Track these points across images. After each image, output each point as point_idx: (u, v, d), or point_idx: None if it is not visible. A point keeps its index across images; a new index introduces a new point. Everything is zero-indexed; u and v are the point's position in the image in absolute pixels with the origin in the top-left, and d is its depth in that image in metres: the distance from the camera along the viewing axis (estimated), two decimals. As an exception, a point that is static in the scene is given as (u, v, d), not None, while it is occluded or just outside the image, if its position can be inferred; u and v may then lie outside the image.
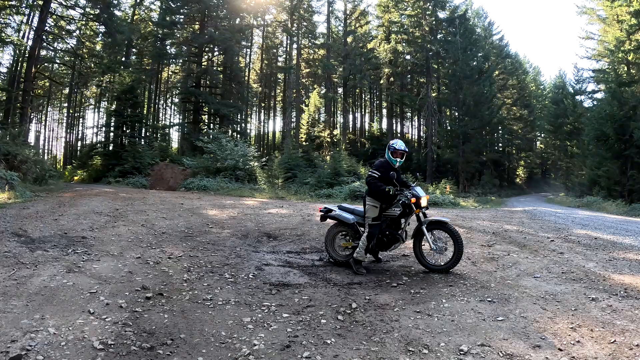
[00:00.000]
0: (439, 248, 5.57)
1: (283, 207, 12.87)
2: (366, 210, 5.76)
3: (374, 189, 5.57)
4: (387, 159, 5.79)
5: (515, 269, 5.75)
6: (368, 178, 5.70)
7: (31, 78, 25.40)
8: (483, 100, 36.30)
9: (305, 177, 23.82)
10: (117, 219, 8.62)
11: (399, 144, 5.76)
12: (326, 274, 5.53)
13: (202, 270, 5.29)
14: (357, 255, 5.62)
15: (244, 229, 8.37)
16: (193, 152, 26.36)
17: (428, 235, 5.55)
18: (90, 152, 31.29)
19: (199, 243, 6.88)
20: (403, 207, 5.67)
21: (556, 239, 8.09)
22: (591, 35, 36.14)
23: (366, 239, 5.60)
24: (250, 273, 5.33)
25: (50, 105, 44.87)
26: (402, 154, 5.77)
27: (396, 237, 5.72)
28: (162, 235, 7.22)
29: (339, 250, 6.17)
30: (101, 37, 31.00)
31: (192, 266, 5.45)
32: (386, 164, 5.77)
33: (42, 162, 19.80)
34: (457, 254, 5.42)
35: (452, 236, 5.46)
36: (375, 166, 5.84)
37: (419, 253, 5.69)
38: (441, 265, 5.55)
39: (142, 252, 5.90)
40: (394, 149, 5.73)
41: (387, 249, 5.90)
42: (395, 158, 5.74)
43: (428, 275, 5.45)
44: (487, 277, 5.35)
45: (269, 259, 6.18)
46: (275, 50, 46.39)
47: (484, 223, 10.41)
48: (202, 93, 31.46)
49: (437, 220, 5.63)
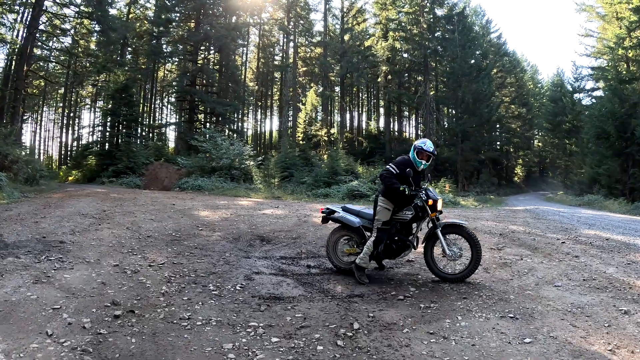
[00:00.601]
0: (454, 254, 4.95)
1: (278, 207, 12.37)
2: (377, 212, 5.11)
3: (387, 185, 4.94)
4: (411, 159, 5.14)
5: (532, 276, 5.23)
6: (383, 172, 5.06)
7: (23, 77, 24.85)
8: (482, 98, 35.90)
9: (302, 177, 23.35)
10: (102, 221, 8.11)
11: (427, 145, 5.10)
12: (323, 284, 4.98)
13: (184, 281, 4.76)
14: (360, 261, 5.06)
15: (235, 231, 7.85)
16: (189, 152, 25.91)
17: (443, 240, 4.95)
18: (84, 152, 30.71)
19: (185, 248, 6.37)
20: (415, 211, 5.06)
21: (567, 241, 7.62)
22: (590, 33, 35.88)
23: (373, 244, 5.02)
24: (237, 284, 4.78)
25: (46, 105, 44.24)
26: (428, 156, 5.13)
27: (406, 244, 5.12)
28: (146, 240, 6.69)
29: (341, 256, 5.58)
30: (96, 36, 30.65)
31: (174, 276, 4.92)
32: (409, 162, 5.11)
33: (34, 162, 19.30)
34: (475, 261, 4.88)
35: (470, 241, 4.90)
36: (395, 162, 5.17)
37: (430, 260, 5.11)
38: (455, 274, 5.00)
39: (121, 259, 5.38)
40: (420, 149, 5.08)
41: (395, 257, 5.27)
42: (421, 159, 5.11)
43: (437, 285, 4.91)
44: (503, 287, 4.82)
45: (260, 265, 5.65)
46: (272, 48, 45.93)
47: (488, 223, 9.94)
48: (197, 92, 31.04)
49: (453, 223, 5.07)
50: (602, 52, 33.66)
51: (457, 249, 4.98)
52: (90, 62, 32.51)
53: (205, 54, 34.15)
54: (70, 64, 33.49)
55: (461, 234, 5.02)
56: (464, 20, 38.42)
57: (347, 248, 5.53)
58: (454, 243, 5.03)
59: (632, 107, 25.21)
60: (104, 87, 34.75)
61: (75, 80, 35.97)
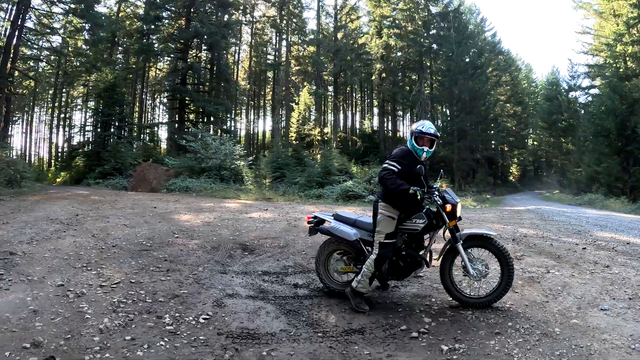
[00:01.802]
0: (479, 274, 3.95)
1: (267, 210, 11.51)
2: (378, 222, 4.04)
3: (390, 187, 3.85)
4: (411, 149, 4.09)
5: (569, 295, 4.34)
6: (382, 172, 3.96)
7: (6, 75, 23.84)
8: (479, 96, 35.38)
9: (294, 177, 22.52)
10: (69, 228, 7.26)
11: (427, 126, 4.04)
12: (313, 313, 3.98)
13: (135, 309, 3.79)
14: (358, 285, 4.03)
15: (216, 239, 6.97)
16: (178, 152, 25.06)
17: (465, 255, 3.95)
18: (71, 152, 29.86)
19: (153, 260, 5.48)
20: (429, 218, 4.03)
21: (587, 246, 6.85)
22: (587, 30, 35.59)
23: (374, 263, 3.99)
24: (203, 313, 3.80)
25: (37, 105, 43.54)
26: (431, 141, 4.07)
27: (417, 261, 4.10)
28: (110, 250, 5.80)
29: (334, 274, 4.55)
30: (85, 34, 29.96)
31: (125, 301, 3.97)
32: (408, 154, 4.06)
33: (17, 163, 18.44)
34: (506, 282, 3.90)
35: (500, 257, 3.92)
36: (394, 156, 4.06)
37: (449, 281, 4.09)
38: (480, 298, 4.02)
39: (70, 277, 4.49)
40: (420, 133, 4.02)
41: (403, 278, 4.22)
42: (422, 146, 4.03)
43: (457, 313, 3.93)
44: (541, 314, 3.84)
45: (237, 284, 4.72)
46: (265, 47, 45.18)
47: (495, 226, 9.17)
48: (187, 90, 30.14)
49: (477, 234, 4.06)
50: (599, 50, 33.32)
51: (483, 266, 3.99)
52: (80, 61, 32.01)
53: (196, 52, 33.27)
54: (60, 63, 32.87)
55: (488, 248, 4.02)
56: (460, 17, 37.83)
57: (341, 266, 4.50)
58: (478, 259, 4.04)
59: (633, 103, 24.67)
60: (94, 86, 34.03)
61: (66, 80, 35.28)
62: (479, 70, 36.55)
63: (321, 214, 4.73)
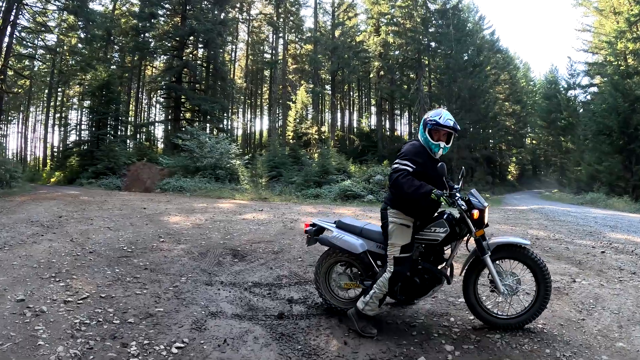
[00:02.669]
0: (510, 290, 3.32)
1: (263, 210, 11.01)
2: (390, 233, 3.34)
3: (408, 191, 3.12)
4: (423, 143, 3.36)
5: (604, 310, 3.80)
6: (395, 174, 3.19)
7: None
8: (478, 94, 34.89)
9: (291, 176, 22.00)
10: (49, 231, 6.80)
11: (444, 117, 3.28)
12: (310, 338, 3.29)
13: (98, 333, 3.19)
14: (366, 307, 3.35)
15: (205, 243, 6.45)
16: (173, 151, 24.53)
17: (494, 269, 3.31)
18: (65, 152, 29.32)
19: (132, 268, 4.95)
20: (451, 226, 3.32)
21: (605, 250, 6.39)
22: (587, 28, 35.33)
23: (388, 282, 3.29)
24: (178, 340, 3.14)
25: (32, 105, 42.88)
26: (447, 135, 3.34)
27: (437, 277, 3.41)
28: (86, 257, 5.28)
29: (336, 289, 3.87)
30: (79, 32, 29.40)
31: (89, 322, 3.37)
32: (422, 150, 3.33)
33: (6, 163, 17.95)
34: (543, 299, 3.28)
35: (536, 270, 3.28)
36: (405, 153, 3.28)
37: (474, 299, 3.46)
38: (511, 318, 3.40)
39: (35, 289, 3.98)
40: (435, 125, 3.27)
41: (419, 297, 3.51)
42: (438, 141, 3.30)
43: (483, 337, 3.29)
44: (580, 335, 3.29)
45: (222, 299, 4.11)
46: (261, 45, 44.64)
47: (502, 228, 8.71)
48: (182, 88, 29.58)
49: (509, 243, 3.40)
50: (599, 47, 32.98)
51: (514, 281, 3.35)
52: (75, 60, 31.60)
53: (192, 50, 32.70)
54: (55, 62, 32.50)
55: (521, 260, 3.36)
56: (459, 15, 37.37)
57: (345, 281, 3.78)
58: (508, 272, 3.40)
59: (635, 101, 24.26)
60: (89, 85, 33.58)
61: (61, 79, 34.86)
62: (478, 68, 36.09)
63: (321, 221, 4.00)
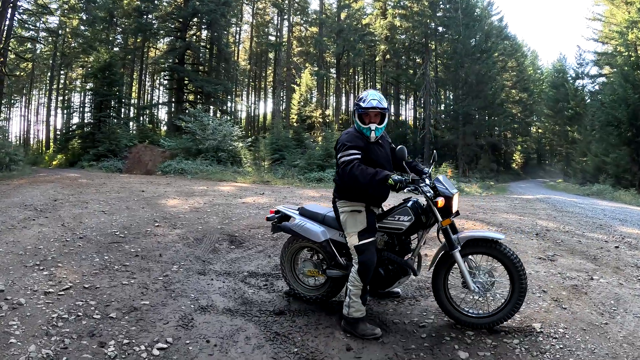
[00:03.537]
0: (482, 287, 3.10)
1: (264, 194, 10.80)
2: (344, 223, 3.19)
3: (364, 182, 2.95)
4: (357, 129, 3.19)
5: (626, 312, 3.52)
6: (346, 167, 2.98)
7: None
8: (486, 80, 34.34)
9: (294, 159, 21.79)
10: (41, 215, 6.64)
11: (369, 97, 3.12)
12: (308, 339, 2.99)
13: (76, 330, 2.93)
14: (351, 310, 3.09)
15: (201, 227, 6.25)
16: (176, 133, 24.35)
17: (464, 266, 3.08)
18: (67, 134, 29.12)
19: (123, 255, 4.75)
20: (416, 215, 3.14)
21: (619, 244, 6.14)
22: (598, 17, 34.64)
23: (359, 276, 3.06)
24: (161, 340, 2.86)
25: (35, 88, 42.64)
26: (378, 115, 3.14)
27: (402, 269, 3.21)
28: (75, 243, 5.09)
29: (302, 278, 3.74)
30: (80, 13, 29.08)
31: (67, 316, 3.11)
32: (358, 134, 3.17)
33: (6, 146, 17.84)
34: (517, 299, 3.02)
35: (509, 268, 3.02)
36: (344, 143, 3.10)
37: (444, 295, 3.23)
38: (483, 317, 3.14)
39: (16, 279, 3.78)
40: (360, 109, 3.12)
41: (384, 289, 3.33)
42: (369, 124, 3.13)
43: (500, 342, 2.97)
44: (604, 342, 2.99)
45: (215, 291, 3.86)
46: (266, 27, 43.94)
47: (511, 217, 8.46)
48: (184, 69, 29.14)
49: (480, 237, 3.15)
50: (609, 37, 32.36)
51: (486, 276, 3.13)
52: (77, 42, 31.50)
53: (195, 31, 32.16)
54: (57, 44, 32.32)
55: (494, 255, 3.10)
56: (467, 0, 36.59)
57: (309, 269, 3.62)
58: (480, 268, 3.18)
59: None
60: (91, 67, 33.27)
61: (63, 61, 34.58)
62: (485, 54, 35.48)
63: (285, 207, 3.83)
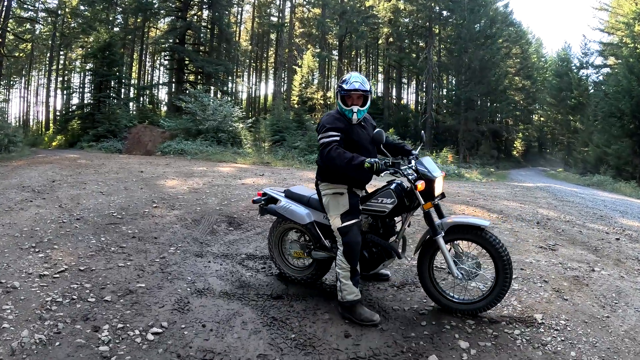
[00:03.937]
0: (467, 274, 3.09)
1: (264, 175, 10.78)
2: (326, 206, 3.23)
3: (339, 164, 2.96)
4: (340, 111, 3.20)
5: (627, 306, 3.47)
6: (325, 149, 3.02)
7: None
8: (489, 66, 33.98)
9: (294, 141, 21.76)
10: (39, 196, 6.61)
11: (352, 80, 3.13)
12: (306, 325, 2.97)
13: (70, 314, 2.90)
14: (344, 294, 3.08)
15: (200, 209, 6.23)
16: (176, 114, 24.23)
17: (447, 251, 3.07)
18: (66, 115, 28.91)
19: (119, 237, 4.73)
20: (399, 197, 3.14)
21: (620, 236, 6.09)
22: (605, 7, 34.17)
23: (345, 258, 3.06)
24: (156, 324, 2.84)
25: (35, 69, 42.29)
26: (361, 97, 3.15)
27: (387, 252, 3.24)
28: (72, 224, 5.07)
29: (290, 259, 3.77)
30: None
31: (61, 300, 3.09)
32: (339, 116, 3.17)
33: (5, 127, 17.73)
34: (502, 285, 3.01)
35: (494, 255, 2.99)
36: (324, 124, 3.12)
37: (429, 279, 3.22)
38: (467, 303, 3.15)
39: (11, 262, 3.74)
40: (342, 91, 3.13)
41: (368, 271, 3.34)
42: (351, 106, 3.13)
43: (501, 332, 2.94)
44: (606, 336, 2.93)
45: (212, 274, 3.82)
46: (268, 8, 43.35)
47: (511, 205, 8.42)
48: (185, 49, 28.79)
49: (465, 223, 3.10)
50: (616, 28, 31.97)
51: (471, 263, 3.12)
52: (77, 22, 31.24)
53: (196, 11, 31.70)
54: (56, 24, 32.02)
55: (478, 242, 3.08)
56: (473, -18, 36.00)
57: (295, 250, 3.66)
58: (465, 255, 3.15)
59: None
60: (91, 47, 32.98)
61: (63, 42, 34.33)
62: (490, 40, 35.02)
63: (272, 190, 3.85)
